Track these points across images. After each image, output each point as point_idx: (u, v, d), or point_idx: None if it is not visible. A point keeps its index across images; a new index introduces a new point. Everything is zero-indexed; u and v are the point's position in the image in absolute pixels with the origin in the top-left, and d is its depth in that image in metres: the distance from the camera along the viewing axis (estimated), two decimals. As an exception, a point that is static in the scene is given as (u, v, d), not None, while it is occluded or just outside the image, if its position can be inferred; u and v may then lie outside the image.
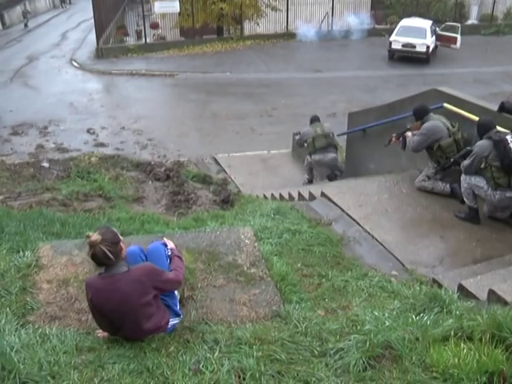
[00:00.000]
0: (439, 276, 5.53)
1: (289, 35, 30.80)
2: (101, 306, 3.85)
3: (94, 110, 19.57)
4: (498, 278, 5.18)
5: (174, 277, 4.11)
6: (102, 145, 15.88)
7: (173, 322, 4.17)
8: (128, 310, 3.81)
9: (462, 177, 7.02)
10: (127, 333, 3.95)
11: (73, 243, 5.50)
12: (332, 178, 11.59)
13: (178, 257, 4.42)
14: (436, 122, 7.91)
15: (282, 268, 5.17)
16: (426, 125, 7.96)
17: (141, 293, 3.81)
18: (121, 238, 3.96)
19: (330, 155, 11.32)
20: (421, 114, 7.92)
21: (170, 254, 4.43)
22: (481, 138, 6.82)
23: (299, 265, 5.61)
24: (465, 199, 7.10)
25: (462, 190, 7.07)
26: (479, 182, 6.84)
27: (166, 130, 17.39)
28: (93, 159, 13.51)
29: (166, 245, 4.48)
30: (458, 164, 7.40)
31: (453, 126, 7.87)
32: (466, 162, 6.89)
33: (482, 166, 6.70)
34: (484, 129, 6.82)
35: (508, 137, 6.54)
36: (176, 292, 4.34)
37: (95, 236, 3.77)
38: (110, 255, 3.76)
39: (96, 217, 8.56)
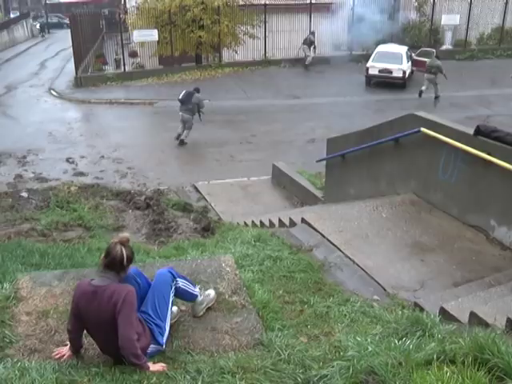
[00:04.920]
0: (421, 300, 5.54)
1: (267, 62, 31.07)
2: (81, 309, 3.98)
3: (73, 139, 19.45)
4: (479, 300, 5.22)
5: (129, 329, 3.91)
6: (82, 174, 15.75)
7: (152, 348, 4.15)
8: (100, 322, 3.93)
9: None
10: (98, 343, 4.16)
11: (52, 274, 5.46)
12: None
13: None
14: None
15: (263, 295, 5.16)
16: None
17: (113, 310, 3.88)
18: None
19: None
20: None
21: (179, 286, 4.47)
22: None
23: (281, 292, 5.60)
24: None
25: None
26: None
27: (145, 158, 17.34)
28: (72, 188, 13.41)
29: (174, 276, 4.45)
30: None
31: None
32: None
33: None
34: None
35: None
36: (167, 323, 4.31)
37: (127, 234, 4.05)
38: (124, 260, 3.96)
39: (76, 247, 8.50)
